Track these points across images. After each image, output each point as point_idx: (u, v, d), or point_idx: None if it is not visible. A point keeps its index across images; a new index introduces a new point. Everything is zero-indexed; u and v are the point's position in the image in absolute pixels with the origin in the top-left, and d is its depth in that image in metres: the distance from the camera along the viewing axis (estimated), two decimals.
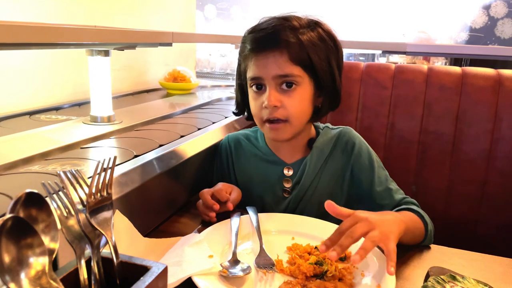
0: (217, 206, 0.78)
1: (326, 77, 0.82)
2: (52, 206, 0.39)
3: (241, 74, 0.87)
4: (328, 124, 0.96)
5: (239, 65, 0.88)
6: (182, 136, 0.95)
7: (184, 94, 1.65)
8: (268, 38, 0.79)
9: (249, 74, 0.82)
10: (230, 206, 0.80)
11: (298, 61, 0.78)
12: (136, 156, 0.78)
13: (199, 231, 0.73)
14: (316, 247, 0.68)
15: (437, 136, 1.15)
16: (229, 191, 0.83)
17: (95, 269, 0.42)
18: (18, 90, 1.15)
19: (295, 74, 0.79)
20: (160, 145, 0.87)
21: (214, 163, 0.99)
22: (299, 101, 0.81)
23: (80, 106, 1.27)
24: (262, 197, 0.91)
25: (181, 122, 1.12)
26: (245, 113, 0.94)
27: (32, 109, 1.15)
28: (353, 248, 0.68)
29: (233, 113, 0.95)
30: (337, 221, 0.77)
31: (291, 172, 0.90)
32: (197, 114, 1.25)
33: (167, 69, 1.74)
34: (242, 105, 0.91)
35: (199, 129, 1.03)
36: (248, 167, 0.94)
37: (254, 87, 0.83)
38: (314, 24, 0.82)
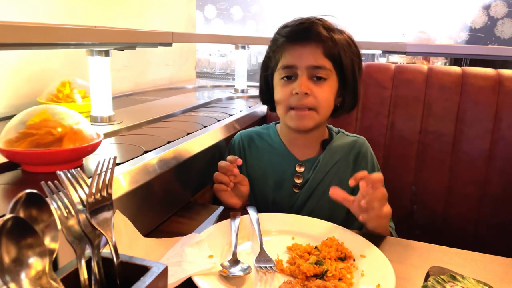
0: (233, 167, 0.82)
1: (350, 77, 0.87)
2: (52, 206, 0.39)
3: (268, 67, 0.93)
4: (343, 130, 1.00)
5: (268, 58, 0.92)
6: (187, 134, 0.95)
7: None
8: (305, 31, 0.85)
9: (283, 62, 0.87)
10: (240, 161, 0.83)
11: (330, 56, 0.84)
12: (146, 152, 0.80)
13: (200, 230, 0.73)
14: (316, 247, 0.68)
15: (437, 136, 1.15)
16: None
17: (95, 269, 0.42)
18: (15, 90, 1.15)
19: (327, 67, 0.84)
20: (169, 142, 0.88)
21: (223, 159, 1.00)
22: (327, 92, 0.86)
23: None
24: (274, 192, 0.94)
25: (183, 121, 1.12)
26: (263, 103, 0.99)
27: None
28: (353, 249, 0.69)
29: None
30: (340, 222, 0.78)
31: (302, 169, 0.93)
32: (198, 114, 1.25)
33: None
34: (267, 95, 0.95)
35: (200, 129, 1.03)
36: (261, 162, 0.97)
37: (284, 75, 0.87)
38: (339, 29, 0.88)
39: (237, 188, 0.87)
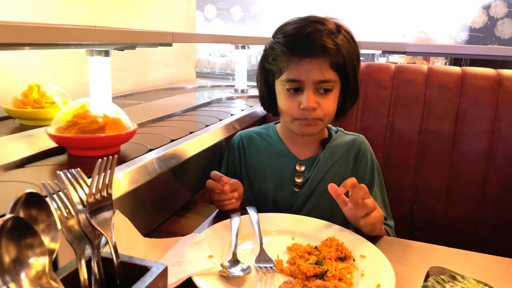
0: (224, 179, 0.81)
1: (352, 78, 0.86)
2: (52, 206, 0.39)
3: (268, 73, 0.90)
4: (342, 129, 1.00)
5: (268, 62, 0.89)
6: (189, 133, 0.96)
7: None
8: (309, 42, 0.81)
9: (288, 75, 0.84)
10: (225, 178, 0.81)
11: (336, 67, 0.83)
12: (150, 150, 0.82)
13: (200, 231, 0.73)
14: (316, 247, 0.68)
15: (437, 136, 1.15)
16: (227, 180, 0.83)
17: (95, 269, 0.42)
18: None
19: (333, 79, 0.83)
20: (172, 140, 0.89)
21: (223, 160, 1.01)
22: (332, 101, 0.86)
23: None
24: (274, 191, 0.94)
25: (183, 121, 1.12)
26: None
27: None
28: (353, 249, 0.69)
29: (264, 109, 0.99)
30: (340, 222, 0.78)
31: (303, 168, 0.93)
32: (198, 114, 1.25)
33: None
34: (270, 102, 0.94)
35: (200, 129, 1.03)
36: (261, 162, 0.96)
37: (290, 88, 0.85)
38: (339, 27, 0.85)
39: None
